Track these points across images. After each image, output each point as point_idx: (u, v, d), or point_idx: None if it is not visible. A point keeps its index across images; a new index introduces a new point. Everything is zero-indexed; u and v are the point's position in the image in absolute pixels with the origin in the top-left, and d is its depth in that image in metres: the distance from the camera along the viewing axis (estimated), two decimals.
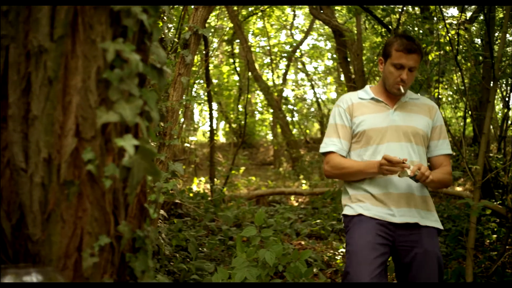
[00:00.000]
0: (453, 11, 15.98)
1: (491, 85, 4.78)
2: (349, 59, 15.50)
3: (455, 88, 10.95)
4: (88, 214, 1.58)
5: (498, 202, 7.76)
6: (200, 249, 5.95)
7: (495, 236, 6.36)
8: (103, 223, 1.62)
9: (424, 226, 3.35)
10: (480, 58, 8.42)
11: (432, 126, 3.52)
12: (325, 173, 3.57)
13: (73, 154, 1.55)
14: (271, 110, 18.60)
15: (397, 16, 9.99)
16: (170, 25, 4.65)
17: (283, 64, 20.76)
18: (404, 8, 9.12)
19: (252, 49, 17.29)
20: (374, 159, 3.34)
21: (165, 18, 4.41)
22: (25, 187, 1.55)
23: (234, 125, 18.80)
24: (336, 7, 13.88)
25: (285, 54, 19.70)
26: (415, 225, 3.32)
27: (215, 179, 10.19)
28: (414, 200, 3.36)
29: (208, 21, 8.46)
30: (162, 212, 5.00)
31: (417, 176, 3.15)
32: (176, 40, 4.66)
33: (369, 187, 3.39)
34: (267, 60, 20.27)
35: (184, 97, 4.55)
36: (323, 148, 3.54)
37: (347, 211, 3.43)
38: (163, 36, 4.25)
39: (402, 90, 3.37)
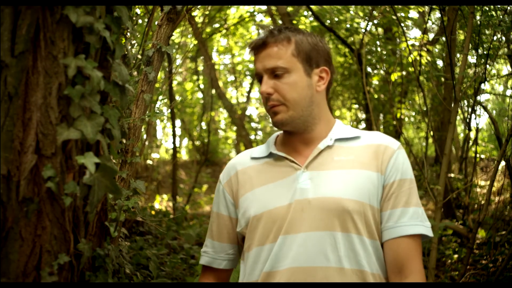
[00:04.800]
0: (415, 32, 16.24)
1: (452, 106, 4.84)
2: None
3: (417, 108, 11.11)
4: (47, 232, 1.56)
5: (459, 222, 7.90)
6: (161, 267, 5.90)
7: (456, 256, 6.42)
8: (63, 241, 1.60)
9: None
10: (442, 79, 8.55)
11: (384, 185, 1.88)
12: None
13: (32, 171, 1.52)
14: (235, 128, 18.62)
15: (361, 36, 10.11)
16: (133, 42, 4.63)
17: (247, 82, 20.81)
18: (368, 28, 9.23)
19: (216, 66, 17.30)
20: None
21: (128, 34, 4.39)
22: None
23: (197, 143, 18.72)
24: (300, 26, 13.96)
25: (249, 72, 19.77)
26: None
27: (178, 197, 10.14)
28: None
29: (172, 38, 8.48)
30: (123, 230, 4.96)
31: None
32: (139, 57, 4.64)
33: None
34: (231, 78, 20.32)
35: (146, 114, 4.53)
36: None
37: None
38: (126, 53, 4.23)
39: (279, 117, 1.93)
